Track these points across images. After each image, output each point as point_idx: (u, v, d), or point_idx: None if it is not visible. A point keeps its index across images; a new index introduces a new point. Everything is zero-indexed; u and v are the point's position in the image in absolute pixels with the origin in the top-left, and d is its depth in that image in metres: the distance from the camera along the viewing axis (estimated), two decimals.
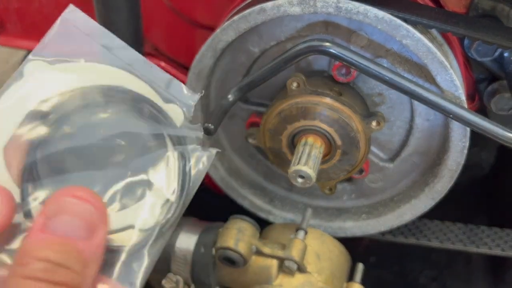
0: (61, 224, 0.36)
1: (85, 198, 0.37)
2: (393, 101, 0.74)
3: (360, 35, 0.69)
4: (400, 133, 0.77)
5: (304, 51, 0.65)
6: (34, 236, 0.35)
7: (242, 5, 0.72)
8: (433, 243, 0.86)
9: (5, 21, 0.94)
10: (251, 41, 0.73)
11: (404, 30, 0.64)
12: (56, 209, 0.36)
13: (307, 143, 0.68)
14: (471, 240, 0.86)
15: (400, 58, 0.69)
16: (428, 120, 0.73)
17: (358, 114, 0.70)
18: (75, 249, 0.35)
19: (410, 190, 0.81)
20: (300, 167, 0.66)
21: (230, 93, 0.69)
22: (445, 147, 0.73)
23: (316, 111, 0.69)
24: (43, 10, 0.91)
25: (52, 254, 0.34)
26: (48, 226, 0.36)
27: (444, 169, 0.73)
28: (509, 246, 0.85)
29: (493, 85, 0.75)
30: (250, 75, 0.69)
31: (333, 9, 0.64)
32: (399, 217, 0.81)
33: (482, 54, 0.71)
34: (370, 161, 0.79)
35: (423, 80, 0.69)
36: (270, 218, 0.88)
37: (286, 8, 0.65)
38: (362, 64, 0.64)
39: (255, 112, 0.80)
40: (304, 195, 0.89)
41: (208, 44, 0.71)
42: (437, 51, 0.64)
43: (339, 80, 0.71)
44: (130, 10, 0.66)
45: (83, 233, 0.36)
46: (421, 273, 1.13)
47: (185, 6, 0.90)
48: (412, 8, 0.66)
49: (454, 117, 0.64)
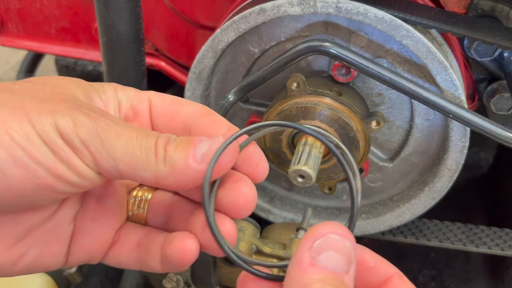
0: (330, 260, 0.39)
1: (345, 235, 0.40)
2: (393, 101, 0.74)
3: (360, 35, 0.69)
4: (399, 133, 0.77)
5: (304, 51, 0.65)
6: (309, 270, 0.39)
7: (242, 6, 0.73)
8: (433, 243, 0.86)
9: (6, 21, 0.94)
10: (251, 41, 0.73)
11: (404, 30, 0.64)
12: (323, 245, 0.39)
13: (307, 143, 0.69)
14: (470, 239, 0.86)
15: (400, 58, 0.69)
16: (428, 120, 0.74)
17: (357, 114, 0.70)
18: (343, 283, 0.39)
19: (410, 189, 0.81)
20: (300, 167, 0.66)
21: (230, 93, 0.69)
22: (444, 147, 0.73)
23: (316, 111, 0.69)
24: (44, 11, 0.91)
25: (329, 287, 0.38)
26: (318, 261, 0.39)
27: (444, 169, 0.74)
28: (508, 245, 0.85)
29: (492, 85, 0.76)
30: (250, 75, 0.69)
31: (333, 9, 0.64)
32: (399, 217, 0.81)
33: (482, 54, 0.71)
34: (370, 160, 0.80)
35: (423, 80, 0.69)
36: (270, 217, 0.88)
37: (286, 8, 0.65)
38: (362, 64, 0.64)
39: (255, 112, 0.80)
40: (304, 194, 0.89)
41: (209, 44, 0.71)
42: (437, 51, 0.64)
43: (339, 80, 0.71)
44: (131, 11, 0.66)
45: (346, 267, 0.39)
46: (420, 272, 1.13)
47: (185, 7, 0.91)
48: (412, 8, 0.66)
49: (453, 117, 0.65)
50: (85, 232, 0.51)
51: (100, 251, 0.52)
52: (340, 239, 0.40)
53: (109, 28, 0.66)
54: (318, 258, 0.39)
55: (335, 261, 0.39)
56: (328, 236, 0.40)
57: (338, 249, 0.39)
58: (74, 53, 0.96)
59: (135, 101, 0.50)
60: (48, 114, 0.41)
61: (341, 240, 0.40)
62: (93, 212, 0.51)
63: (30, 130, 0.40)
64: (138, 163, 0.43)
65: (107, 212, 0.52)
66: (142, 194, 0.54)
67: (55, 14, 0.91)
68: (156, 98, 0.50)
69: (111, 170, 0.43)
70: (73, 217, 0.50)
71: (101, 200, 0.52)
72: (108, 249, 0.52)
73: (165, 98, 0.51)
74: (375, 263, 0.45)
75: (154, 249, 0.50)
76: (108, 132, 0.42)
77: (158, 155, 0.43)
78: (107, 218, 0.52)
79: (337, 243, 0.40)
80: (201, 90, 0.76)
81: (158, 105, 0.50)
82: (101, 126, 0.42)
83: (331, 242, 0.39)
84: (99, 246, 0.51)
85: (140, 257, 0.51)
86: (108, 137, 0.42)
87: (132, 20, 0.67)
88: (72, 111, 0.42)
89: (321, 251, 0.39)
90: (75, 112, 0.42)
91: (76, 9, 0.91)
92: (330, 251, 0.39)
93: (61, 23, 0.92)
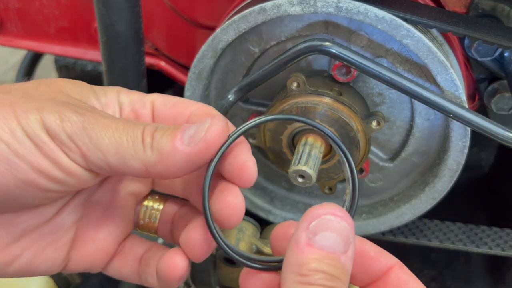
0: (327, 240, 0.39)
1: (342, 216, 0.40)
2: (393, 100, 0.74)
3: (360, 35, 0.69)
4: (400, 133, 0.77)
5: (304, 51, 0.65)
6: (305, 250, 0.39)
7: (242, 5, 0.72)
8: (433, 243, 0.86)
9: (5, 21, 0.94)
10: (251, 41, 0.73)
11: (405, 30, 0.64)
12: (319, 226, 0.40)
13: (307, 143, 0.68)
14: (471, 240, 0.86)
15: (400, 58, 0.69)
16: (428, 119, 0.74)
17: (358, 114, 0.70)
18: (340, 263, 0.39)
19: (410, 190, 0.81)
20: (300, 167, 0.66)
21: (230, 93, 0.69)
22: (445, 147, 0.73)
23: (316, 111, 0.69)
24: (44, 10, 0.91)
25: (326, 267, 0.38)
26: (315, 242, 0.39)
27: (444, 169, 0.73)
28: (509, 246, 0.85)
29: (493, 85, 0.76)
30: (250, 75, 0.69)
31: (334, 8, 0.64)
32: (399, 217, 0.81)
33: (483, 54, 0.71)
34: (370, 160, 0.79)
35: (423, 80, 0.69)
36: (270, 218, 0.88)
37: (286, 8, 0.65)
38: (362, 64, 0.64)
39: (255, 112, 0.80)
40: (304, 195, 0.89)
41: (208, 44, 0.71)
42: (437, 51, 0.64)
43: (339, 80, 0.71)
44: (131, 10, 0.66)
45: (343, 248, 0.40)
46: (421, 272, 1.13)
47: (185, 6, 0.90)
48: (412, 8, 0.66)
49: (454, 117, 0.64)
50: (87, 241, 0.50)
51: (101, 261, 0.51)
52: (336, 220, 0.40)
53: (109, 28, 0.66)
54: (315, 239, 0.39)
55: (331, 241, 0.39)
56: (324, 217, 0.40)
57: (334, 229, 0.40)
58: (74, 53, 0.96)
59: (138, 105, 0.50)
60: (34, 110, 0.41)
61: (338, 220, 0.40)
62: (97, 221, 0.51)
63: (15, 125, 0.41)
64: (125, 152, 0.42)
65: (112, 223, 0.52)
66: (153, 203, 0.53)
67: (54, 13, 0.91)
68: (158, 101, 0.50)
69: (100, 163, 0.43)
70: (73, 224, 0.50)
71: (107, 210, 0.51)
72: (109, 260, 0.52)
73: (168, 100, 0.50)
74: (375, 253, 0.45)
75: (153, 264, 0.50)
76: (95, 126, 0.42)
77: (145, 142, 0.43)
78: (112, 229, 0.51)
79: (333, 223, 0.40)
80: (201, 90, 0.76)
81: (160, 108, 0.50)
82: (87, 120, 0.42)
83: (327, 223, 0.40)
84: (101, 256, 0.51)
85: (141, 271, 0.51)
86: (95, 130, 0.42)
87: (132, 20, 0.66)
88: (59, 107, 0.42)
89: (317, 231, 0.39)
90: (62, 108, 0.42)
91: (76, 9, 0.91)
92: (326, 231, 0.39)
93: (61, 23, 0.92)
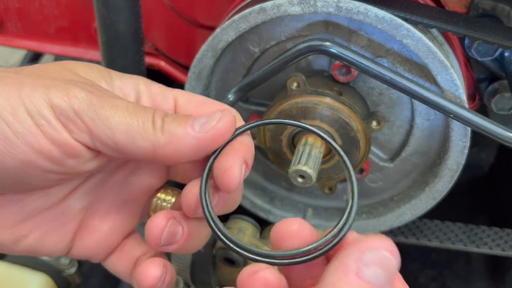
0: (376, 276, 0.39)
1: (394, 253, 0.39)
2: (394, 100, 0.74)
3: (360, 35, 0.69)
4: (400, 132, 0.77)
5: (304, 51, 0.65)
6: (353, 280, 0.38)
7: (242, 5, 0.72)
8: (433, 243, 0.86)
9: (5, 20, 0.93)
10: (251, 41, 0.73)
11: (405, 30, 0.64)
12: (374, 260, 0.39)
13: (307, 143, 0.68)
14: (471, 240, 0.86)
15: (401, 58, 0.69)
16: (429, 119, 0.73)
17: (358, 114, 0.70)
18: None
19: (410, 190, 0.81)
20: (300, 167, 0.65)
21: (230, 93, 0.69)
22: (445, 147, 0.73)
23: (316, 111, 0.69)
24: (43, 10, 0.91)
25: None
26: (363, 273, 0.38)
27: (445, 169, 0.73)
28: (509, 246, 0.85)
29: (493, 84, 0.76)
30: (250, 75, 0.69)
31: (334, 8, 0.64)
32: (399, 217, 0.81)
33: (483, 53, 0.71)
34: (370, 161, 0.79)
35: (423, 79, 0.69)
36: (270, 218, 0.88)
37: (286, 8, 0.65)
38: (362, 64, 0.64)
39: (255, 112, 0.80)
40: (304, 195, 0.89)
41: (208, 43, 0.71)
42: (437, 51, 0.64)
43: (339, 79, 0.71)
44: (131, 10, 0.66)
45: (386, 286, 0.39)
46: (421, 272, 1.13)
47: (185, 6, 0.90)
48: (412, 8, 0.66)
49: (454, 117, 0.64)
50: (92, 229, 0.51)
51: (102, 252, 0.51)
52: (389, 257, 0.39)
53: (109, 28, 0.66)
54: (365, 272, 0.38)
55: (379, 278, 0.39)
56: (380, 252, 0.39)
57: (385, 267, 0.39)
58: (73, 53, 0.96)
59: (159, 99, 0.49)
60: (42, 88, 0.41)
61: (390, 258, 0.39)
62: (105, 212, 0.51)
63: (17, 104, 0.40)
64: (135, 131, 0.42)
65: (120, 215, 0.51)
66: (165, 196, 0.53)
67: (54, 13, 0.91)
68: (182, 98, 0.49)
69: (107, 141, 0.42)
70: (80, 210, 0.50)
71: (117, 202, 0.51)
72: (110, 253, 0.52)
73: (192, 98, 0.49)
74: None
75: None
76: (104, 103, 0.42)
77: (156, 124, 0.43)
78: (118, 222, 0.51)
79: (386, 260, 0.39)
80: (200, 90, 0.76)
81: (184, 105, 0.49)
82: (96, 97, 0.42)
83: (381, 258, 0.39)
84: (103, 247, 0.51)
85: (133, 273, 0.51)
86: (104, 107, 0.42)
87: (132, 20, 0.66)
88: (68, 85, 0.42)
89: (370, 264, 0.39)
90: (70, 86, 0.42)
91: (76, 9, 0.91)
92: (377, 267, 0.39)
93: (60, 23, 0.92)
